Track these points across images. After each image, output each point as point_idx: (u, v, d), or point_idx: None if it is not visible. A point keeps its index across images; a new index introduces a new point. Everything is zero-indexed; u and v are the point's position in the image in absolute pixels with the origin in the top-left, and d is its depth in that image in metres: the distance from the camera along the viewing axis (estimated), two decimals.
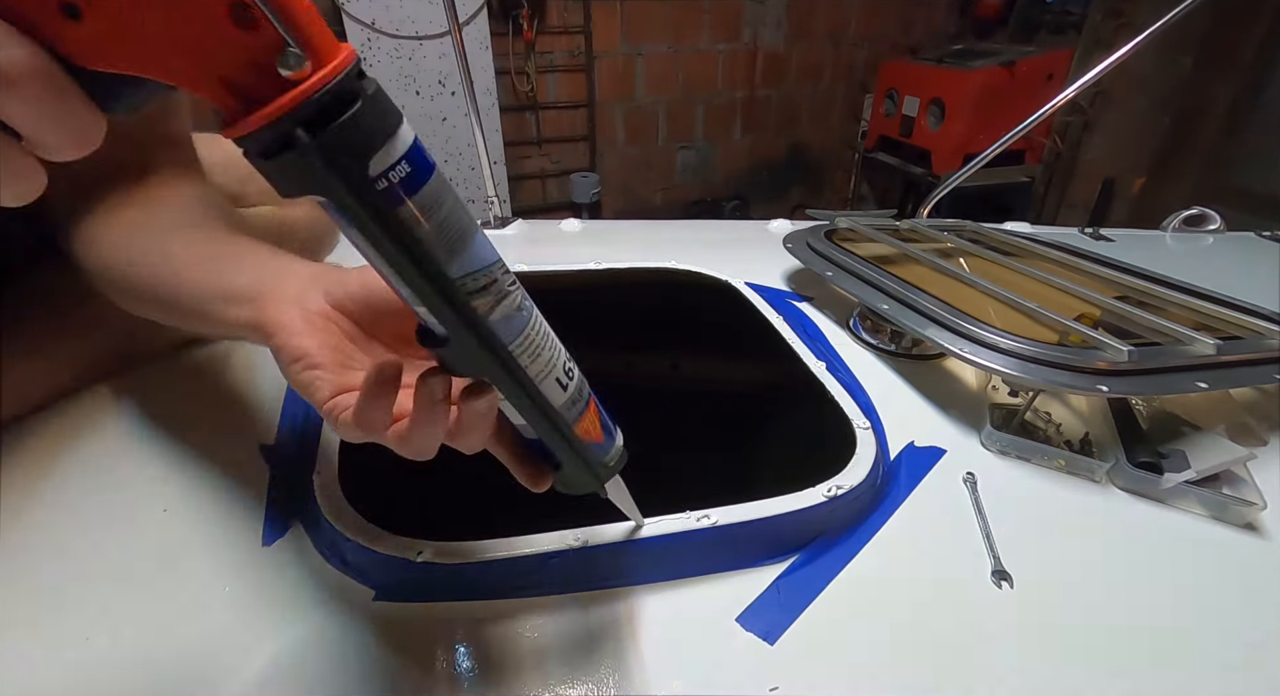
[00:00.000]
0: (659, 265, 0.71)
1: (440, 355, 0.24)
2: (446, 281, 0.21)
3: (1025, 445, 0.45)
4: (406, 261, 0.20)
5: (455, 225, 0.21)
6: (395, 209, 0.19)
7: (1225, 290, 0.59)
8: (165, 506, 0.38)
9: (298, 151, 0.17)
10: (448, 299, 0.21)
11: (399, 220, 0.19)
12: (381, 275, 0.22)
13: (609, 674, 0.30)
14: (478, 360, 0.23)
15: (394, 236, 0.19)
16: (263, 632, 0.31)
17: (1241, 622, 0.35)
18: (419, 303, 0.22)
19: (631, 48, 2.64)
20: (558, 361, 0.26)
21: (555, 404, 0.26)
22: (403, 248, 0.20)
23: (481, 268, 0.22)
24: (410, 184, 0.19)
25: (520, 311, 0.24)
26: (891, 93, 2.77)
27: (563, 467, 0.29)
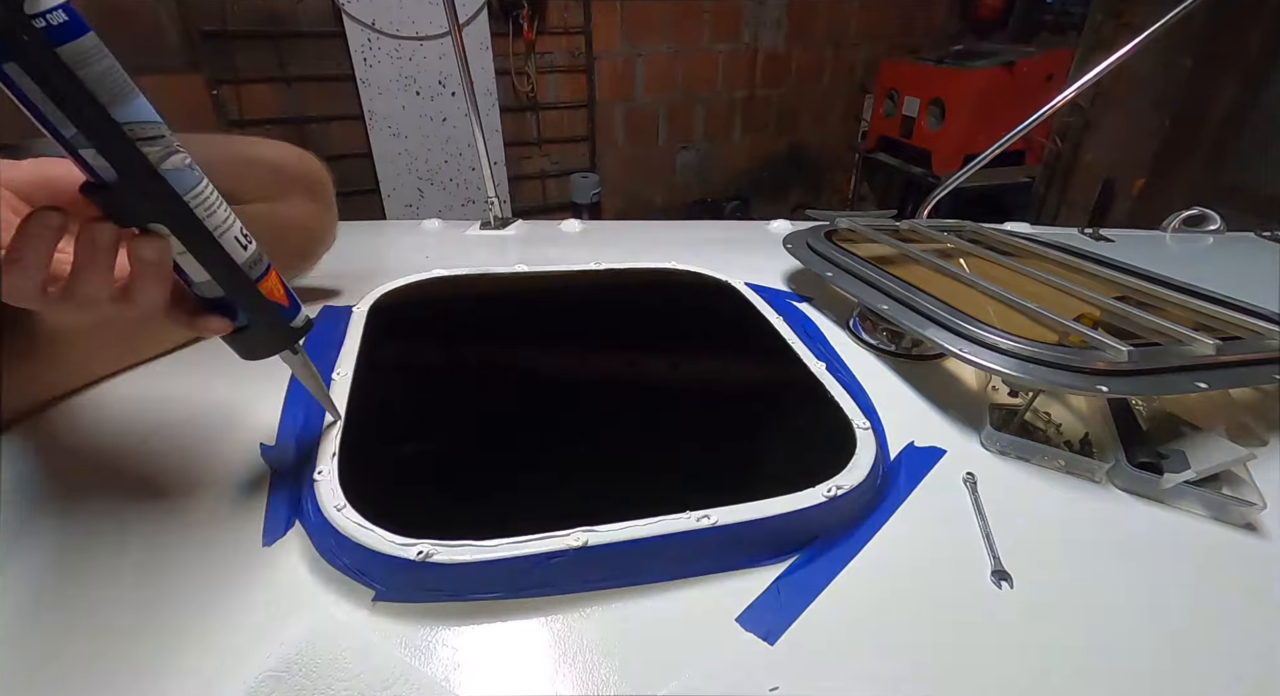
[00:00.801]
0: (659, 265, 0.71)
1: (106, 201, 0.26)
2: (113, 123, 0.24)
3: (1025, 445, 0.45)
4: (75, 98, 0.23)
5: (118, 79, 0.24)
6: (59, 48, 0.23)
7: (1225, 290, 0.59)
8: (165, 506, 0.38)
9: None
10: (116, 138, 0.24)
11: (62, 60, 0.23)
12: (50, 127, 0.24)
13: (609, 674, 0.30)
14: (150, 205, 0.26)
15: (61, 73, 0.23)
16: (263, 633, 0.31)
17: (1242, 622, 0.35)
18: (86, 143, 0.24)
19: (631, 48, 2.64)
20: (234, 225, 0.29)
21: (238, 260, 0.29)
22: (71, 85, 0.23)
23: (149, 120, 0.25)
24: (69, 31, 0.23)
25: (192, 169, 0.27)
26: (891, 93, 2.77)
27: (250, 328, 0.32)
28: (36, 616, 0.32)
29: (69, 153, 0.25)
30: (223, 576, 0.34)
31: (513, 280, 0.69)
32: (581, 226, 0.92)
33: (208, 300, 0.31)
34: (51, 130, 0.24)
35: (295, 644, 0.30)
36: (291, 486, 0.39)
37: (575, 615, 0.33)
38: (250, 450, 0.42)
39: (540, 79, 2.52)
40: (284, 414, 0.45)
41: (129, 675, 0.29)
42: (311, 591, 0.33)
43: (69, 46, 0.23)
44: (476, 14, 2.21)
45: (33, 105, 0.24)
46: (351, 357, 0.49)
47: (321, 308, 0.61)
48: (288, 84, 2.18)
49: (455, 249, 0.84)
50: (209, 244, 0.27)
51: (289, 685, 0.29)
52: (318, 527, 0.35)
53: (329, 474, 0.38)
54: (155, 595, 0.33)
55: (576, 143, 2.74)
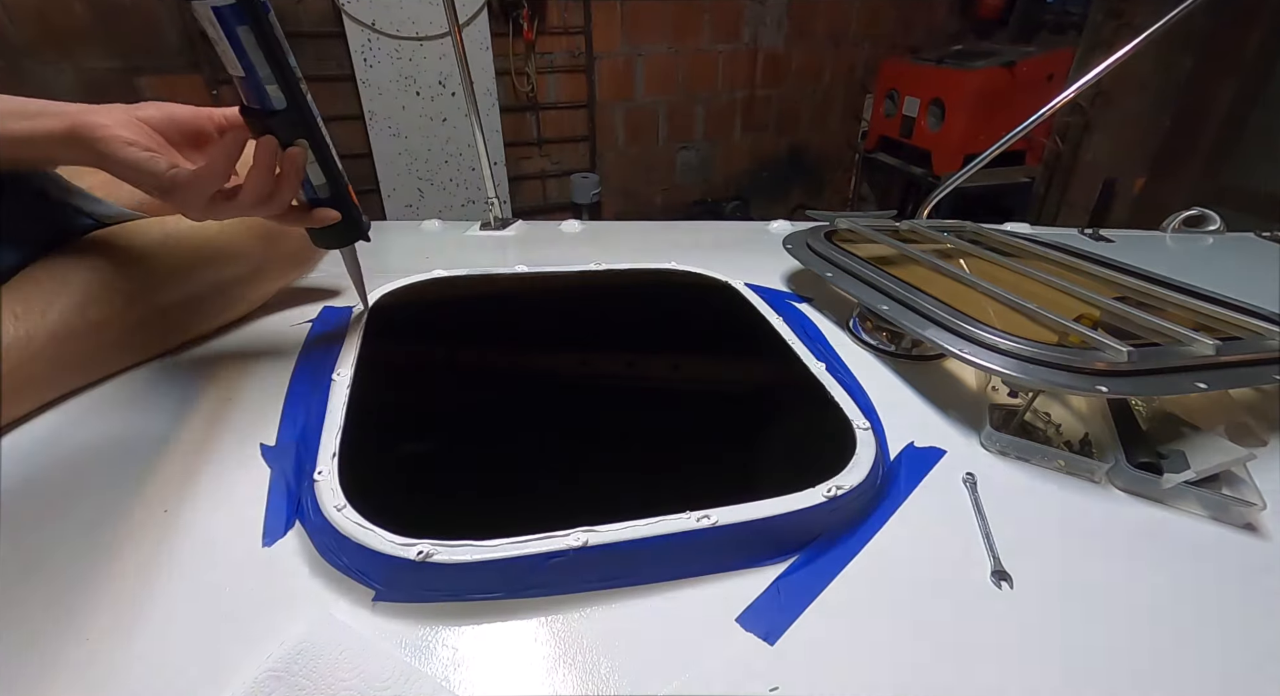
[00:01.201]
0: (659, 266, 0.71)
1: (271, 124, 0.37)
2: (291, 67, 0.36)
3: (1025, 445, 0.45)
4: (275, 50, 0.35)
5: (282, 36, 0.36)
6: (267, 15, 0.35)
7: (1225, 290, 0.59)
8: (165, 506, 0.38)
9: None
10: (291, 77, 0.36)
11: (270, 24, 0.35)
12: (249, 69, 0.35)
13: (609, 674, 0.31)
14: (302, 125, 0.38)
15: (269, 34, 0.34)
16: (263, 633, 0.31)
17: (1241, 622, 0.35)
18: (273, 81, 0.36)
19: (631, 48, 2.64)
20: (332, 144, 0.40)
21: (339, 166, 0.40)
22: (273, 41, 0.34)
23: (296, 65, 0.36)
24: (266, 5, 0.35)
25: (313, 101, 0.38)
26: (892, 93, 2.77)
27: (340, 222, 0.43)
28: (36, 616, 0.32)
29: (253, 88, 0.35)
30: (223, 576, 0.34)
31: (513, 281, 0.69)
32: (581, 227, 0.92)
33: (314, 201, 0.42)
34: (249, 70, 0.35)
35: (295, 644, 0.30)
36: (291, 486, 0.39)
37: (575, 615, 0.33)
38: (250, 450, 0.42)
39: (540, 79, 2.51)
40: (284, 414, 0.45)
41: (129, 674, 0.29)
42: (311, 591, 0.33)
43: (271, 14, 0.35)
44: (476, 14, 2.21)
45: (244, 55, 0.34)
46: (352, 358, 0.49)
47: (321, 308, 0.61)
48: None
49: (455, 249, 0.84)
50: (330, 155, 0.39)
51: (289, 685, 0.29)
52: (318, 527, 0.35)
53: (329, 474, 0.38)
54: (155, 595, 0.33)
55: (576, 143, 2.74)
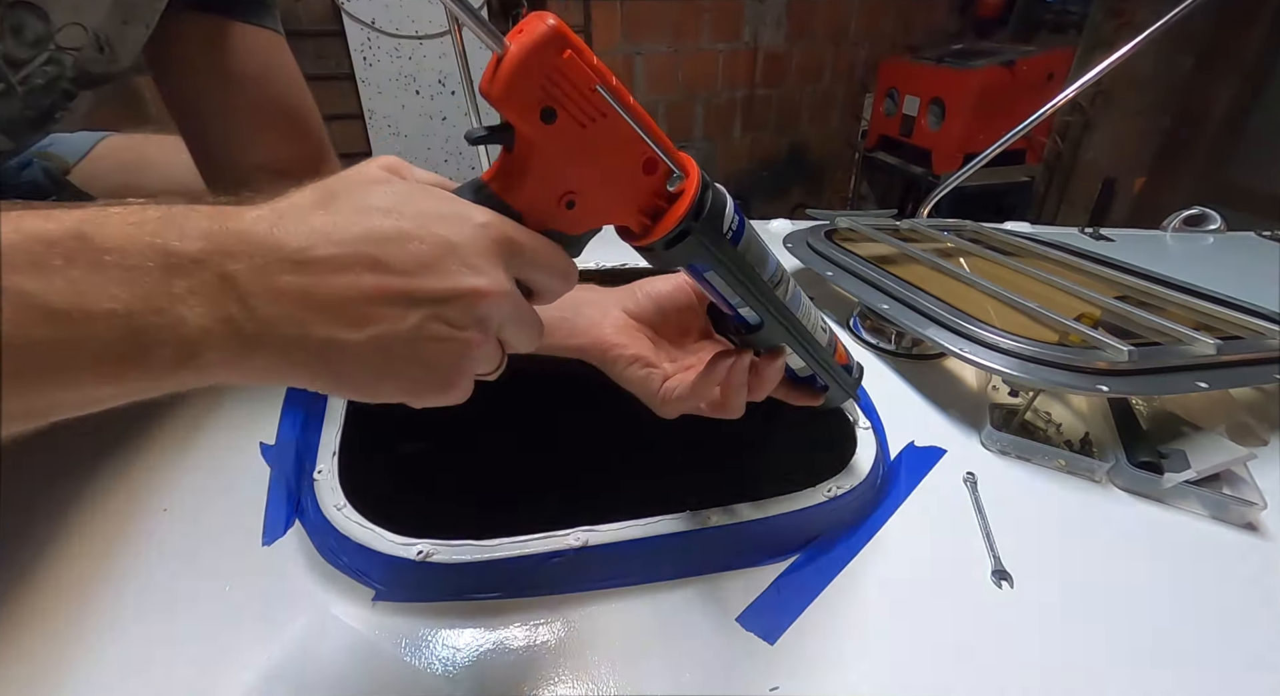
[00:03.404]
0: None
1: (752, 339, 0.33)
2: (763, 285, 0.30)
3: (1025, 445, 0.45)
4: (745, 280, 0.29)
5: (760, 246, 0.30)
6: (736, 248, 0.28)
7: (1225, 290, 0.59)
8: (165, 506, 0.38)
9: (693, 235, 0.26)
10: (766, 296, 0.30)
11: (739, 255, 0.28)
12: (720, 296, 0.30)
13: (609, 674, 0.30)
14: (782, 332, 0.33)
15: (739, 267, 0.29)
16: (263, 632, 0.31)
17: (1241, 622, 0.35)
18: (746, 304, 0.30)
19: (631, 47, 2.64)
20: (816, 313, 0.35)
21: (823, 344, 0.35)
22: (743, 272, 0.29)
23: (775, 267, 0.31)
24: (740, 230, 0.28)
25: (796, 288, 0.32)
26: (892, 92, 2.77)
27: (829, 390, 0.38)
28: (36, 616, 0.32)
29: (730, 310, 0.31)
30: (222, 576, 0.34)
31: None
32: None
33: (798, 377, 0.37)
34: (722, 301, 0.31)
35: (295, 643, 0.30)
36: (291, 486, 0.39)
37: (575, 615, 0.33)
38: (250, 450, 0.42)
39: None
40: (284, 413, 0.45)
41: (128, 674, 0.29)
42: (311, 591, 0.33)
43: (743, 241, 0.28)
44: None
45: (715, 292, 0.30)
46: None
47: None
48: None
49: None
50: (810, 345, 0.34)
51: (289, 685, 0.29)
52: (318, 527, 0.35)
53: (329, 473, 0.37)
54: (154, 595, 0.33)
55: None
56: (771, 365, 0.33)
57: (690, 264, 0.28)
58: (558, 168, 0.24)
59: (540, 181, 0.24)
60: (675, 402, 0.35)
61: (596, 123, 0.23)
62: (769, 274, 0.30)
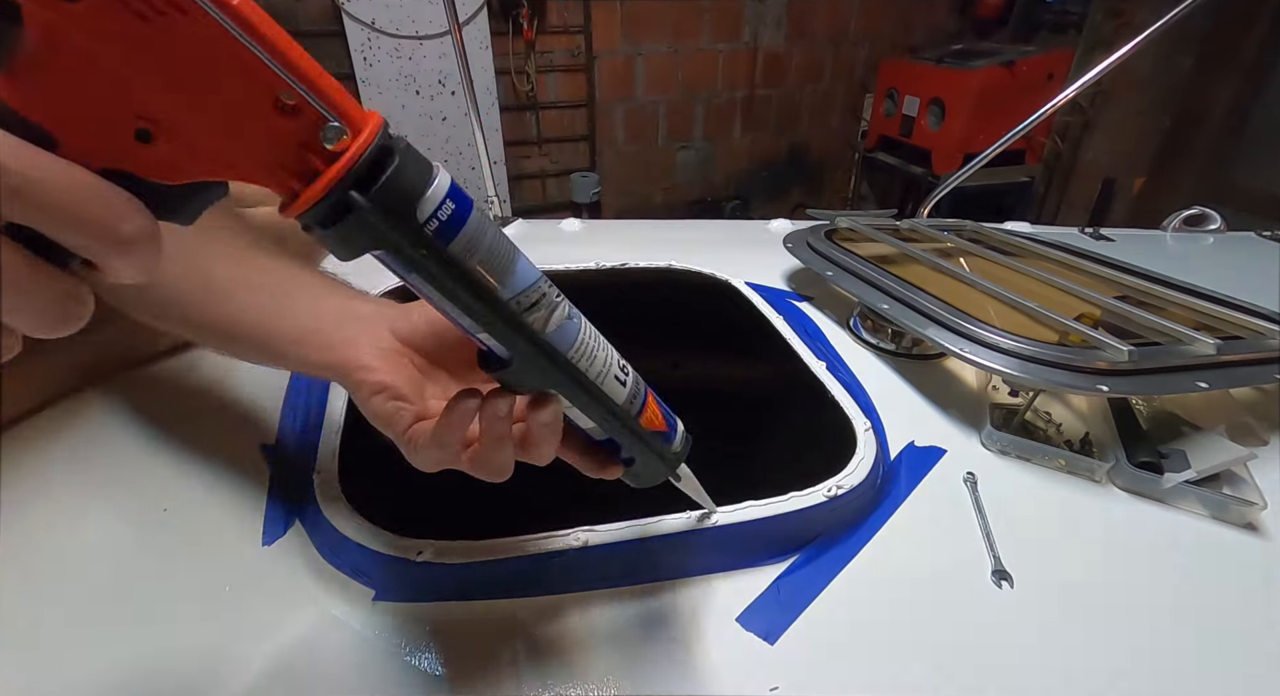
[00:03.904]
0: (659, 265, 0.71)
1: (503, 376, 0.25)
2: (501, 305, 0.22)
3: (1025, 445, 0.45)
4: (464, 293, 0.21)
5: (500, 251, 0.22)
6: (447, 246, 0.20)
7: (1225, 290, 0.59)
8: (165, 506, 0.38)
9: (355, 213, 0.19)
10: (506, 321, 0.23)
11: (451, 256, 0.21)
12: (441, 310, 0.23)
13: (609, 673, 0.30)
14: (541, 373, 0.25)
15: (450, 272, 0.21)
16: (263, 632, 0.31)
17: (1242, 622, 0.35)
18: (479, 329, 0.23)
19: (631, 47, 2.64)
20: (612, 360, 0.27)
21: (619, 401, 0.27)
22: (459, 281, 0.21)
23: (529, 285, 0.23)
24: (455, 222, 0.20)
25: (570, 319, 0.25)
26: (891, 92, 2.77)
27: (634, 462, 0.30)
28: (36, 616, 0.32)
29: (468, 333, 0.24)
30: (222, 576, 0.34)
31: None
32: (581, 225, 0.92)
33: (594, 443, 0.30)
34: (446, 315, 0.23)
35: (295, 644, 0.30)
36: (291, 486, 0.39)
37: (575, 615, 0.33)
38: (250, 450, 0.42)
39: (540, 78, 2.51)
40: (284, 414, 0.45)
41: (128, 674, 0.29)
42: (311, 591, 0.33)
43: (459, 238, 0.21)
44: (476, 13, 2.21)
45: (433, 301, 0.22)
46: None
47: None
48: None
49: None
50: (593, 397, 0.26)
51: (289, 685, 0.29)
52: (318, 527, 0.35)
53: (329, 473, 0.37)
54: (154, 595, 0.33)
55: (576, 142, 2.73)
56: (538, 416, 0.26)
57: (376, 252, 0.20)
58: (105, 75, 0.16)
59: (75, 89, 0.16)
60: (424, 450, 0.27)
61: (167, 18, 0.16)
62: (514, 292, 0.23)
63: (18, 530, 0.36)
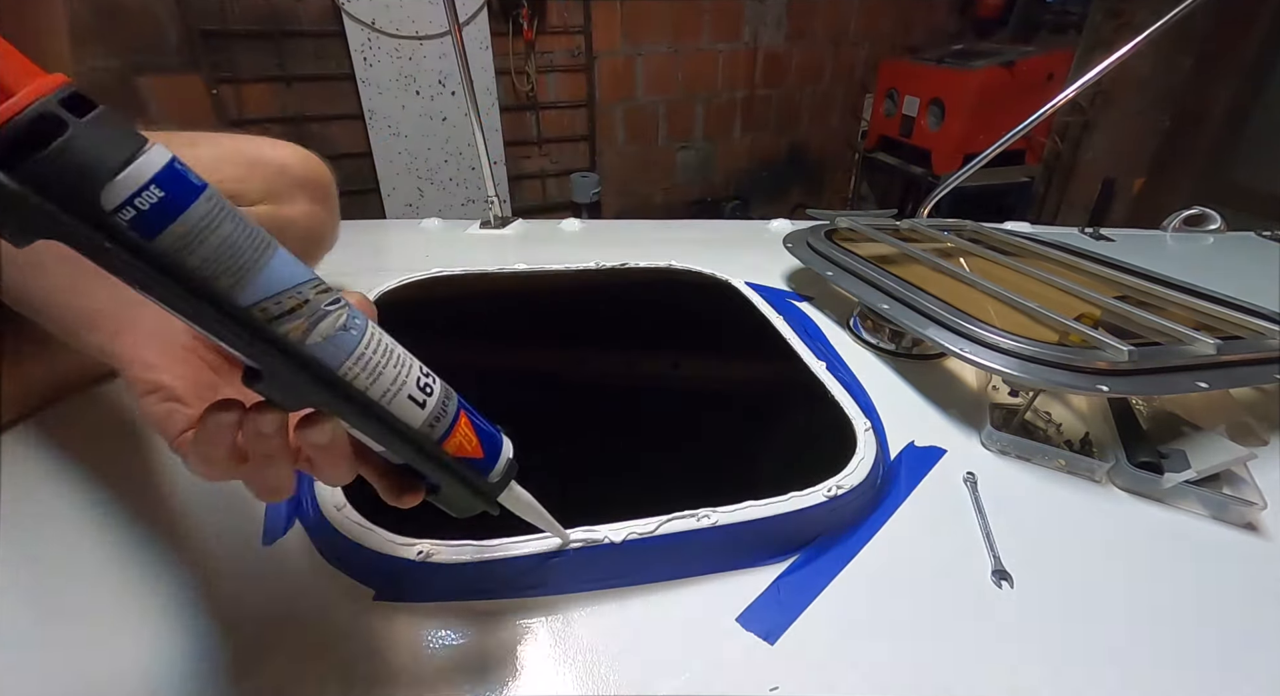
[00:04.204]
0: (659, 265, 0.71)
1: (261, 391, 0.22)
2: (238, 310, 0.19)
3: (1025, 445, 0.45)
4: (183, 295, 0.18)
5: (240, 247, 0.19)
6: (151, 241, 0.17)
7: (1225, 290, 0.59)
8: (164, 505, 0.38)
9: None
10: (246, 329, 0.19)
11: (157, 252, 0.17)
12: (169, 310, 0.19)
13: (609, 673, 0.30)
14: (303, 390, 0.21)
15: (155, 271, 0.17)
16: (263, 632, 0.31)
17: (1242, 622, 0.35)
18: (214, 337, 0.19)
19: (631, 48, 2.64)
20: (408, 378, 0.24)
21: (414, 424, 0.24)
22: (175, 281, 0.18)
23: (284, 289, 0.20)
24: (164, 212, 0.17)
25: (348, 331, 0.22)
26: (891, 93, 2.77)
27: (441, 489, 0.27)
28: (36, 616, 0.32)
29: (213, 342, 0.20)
30: (223, 576, 0.34)
31: (513, 279, 0.69)
32: (581, 226, 0.92)
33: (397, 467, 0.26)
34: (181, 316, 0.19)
35: (295, 643, 0.30)
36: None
37: (575, 615, 0.33)
38: None
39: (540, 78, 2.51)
40: None
41: (128, 674, 0.29)
42: (311, 591, 0.33)
43: (170, 231, 0.18)
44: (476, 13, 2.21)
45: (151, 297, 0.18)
46: None
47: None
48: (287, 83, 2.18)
49: (455, 248, 0.84)
50: (376, 419, 0.23)
51: (289, 684, 0.29)
52: (318, 527, 0.35)
53: None
54: (155, 595, 0.33)
55: (576, 142, 2.73)
56: (308, 436, 0.23)
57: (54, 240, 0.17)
58: None
59: None
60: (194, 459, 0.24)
61: None
62: (259, 297, 0.19)
63: (18, 530, 0.36)
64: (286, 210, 0.56)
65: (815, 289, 0.69)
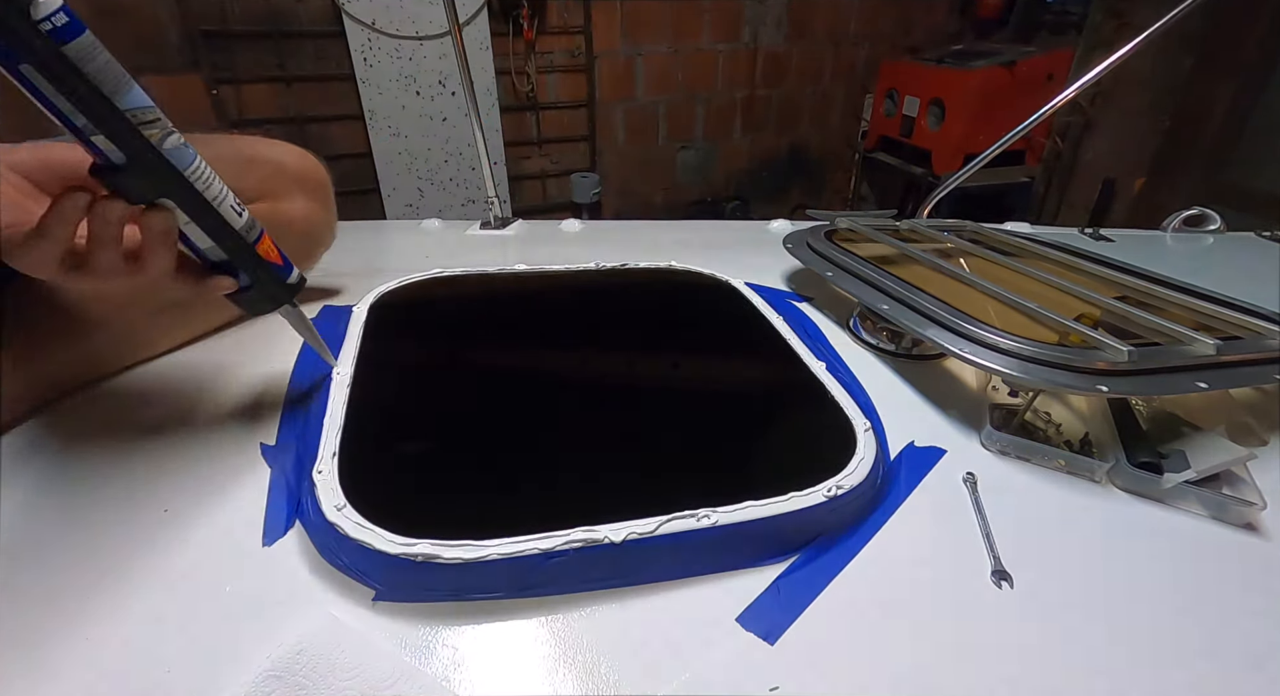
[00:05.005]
0: (659, 265, 0.71)
1: (116, 182, 0.29)
2: (119, 112, 0.28)
3: (1025, 445, 0.45)
4: (85, 91, 0.26)
5: (115, 72, 0.27)
6: (66, 47, 0.26)
7: (1225, 290, 0.59)
8: (165, 506, 0.38)
9: None
10: (121, 124, 0.28)
11: (67, 56, 0.26)
12: (60, 117, 0.27)
13: (609, 674, 0.30)
14: (157, 181, 0.30)
15: (70, 70, 0.26)
16: (263, 632, 0.31)
17: (1241, 622, 0.35)
18: (97, 130, 0.27)
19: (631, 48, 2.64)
20: (228, 196, 0.32)
21: (235, 225, 0.33)
22: (79, 80, 0.26)
23: (145, 106, 0.29)
24: (69, 32, 0.26)
25: (186, 147, 0.30)
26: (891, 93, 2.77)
27: (252, 287, 0.36)
28: (36, 616, 0.32)
29: (81, 140, 0.28)
30: (223, 576, 0.34)
31: (513, 280, 0.69)
32: (581, 226, 0.92)
33: (212, 263, 0.35)
34: (64, 121, 0.27)
35: (295, 644, 0.30)
36: (291, 486, 0.39)
37: (575, 615, 0.33)
38: (250, 450, 0.42)
39: (540, 79, 2.51)
40: (284, 414, 0.45)
41: (128, 674, 0.29)
42: (311, 591, 0.33)
43: (73, 45, 0.26)
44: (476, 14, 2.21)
45: (47, 100, 0.26)
46: (351, 357, 0.49)
47: (321, 307, 0.61)
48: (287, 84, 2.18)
49: (455, 249, 0.84)
50: (209, 213, 0.31)
51: (289, 685, 0.29)
52: (318, 527, 0.35)
53: (329, 473, 0.37)
54: (154, 595, 0.33)
55: (576, 142, 2.74)
56: (150, 222, 0.29)
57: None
58: None
59: None
60: (22, 248, 0.29)
61: None
62: (131, 106, 0.28)
63: (18, 530, 0.36)
64: (284, 207, 0.57)
65: (815, 289, 0.69)
